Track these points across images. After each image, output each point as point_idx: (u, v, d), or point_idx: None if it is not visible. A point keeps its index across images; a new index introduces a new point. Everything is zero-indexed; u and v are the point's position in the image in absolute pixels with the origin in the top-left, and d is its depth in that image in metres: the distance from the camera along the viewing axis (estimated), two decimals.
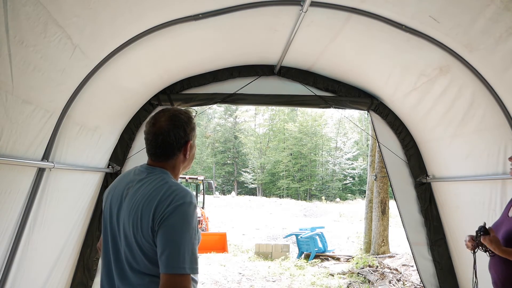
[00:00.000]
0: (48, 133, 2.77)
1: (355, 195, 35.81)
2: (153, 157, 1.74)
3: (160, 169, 1.71)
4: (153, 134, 1.71)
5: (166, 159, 1.73)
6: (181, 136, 1.72)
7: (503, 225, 2.47)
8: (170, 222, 1.51)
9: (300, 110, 38.92)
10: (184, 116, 1.75)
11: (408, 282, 7.59)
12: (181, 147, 1.73)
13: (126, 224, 1.63)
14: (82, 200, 3.79)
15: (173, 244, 1.48)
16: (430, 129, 4.25)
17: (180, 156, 1.75)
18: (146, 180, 1.67)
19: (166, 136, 1.69)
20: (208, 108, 5.64)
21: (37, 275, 3.21)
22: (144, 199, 1.60)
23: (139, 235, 1.57)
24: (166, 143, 1.70)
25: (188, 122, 1.75)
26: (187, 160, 1.80)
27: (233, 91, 4.65)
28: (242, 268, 9.03)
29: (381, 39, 3.53)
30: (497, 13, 2.52)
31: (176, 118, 1.72)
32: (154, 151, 1.73)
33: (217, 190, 36.56)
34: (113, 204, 1.74)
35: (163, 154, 1.72)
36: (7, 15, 1.85)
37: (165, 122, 1.71)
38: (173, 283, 1.44)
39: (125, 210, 1.65)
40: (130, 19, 2.86)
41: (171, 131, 1.70)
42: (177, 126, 1.71)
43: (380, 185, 10.34)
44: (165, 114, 1.74)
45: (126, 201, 1.67)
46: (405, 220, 4.63)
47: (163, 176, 1.68)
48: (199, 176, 15.00)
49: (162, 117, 1.73)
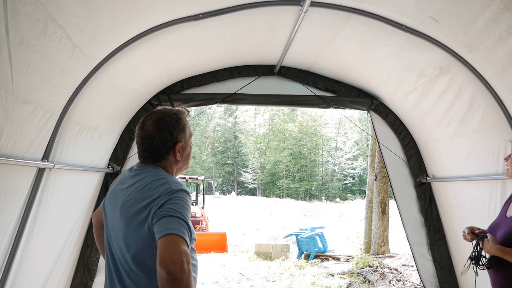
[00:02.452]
0: (48, 133, 2.77)
1: (355, 195, 35.80)
2: (142, 159, 1.75)
3: (152, 166, 1.72)
4: (140, 137, 1.73)
5: (155, 161, 1.73)
6: (167, 139, 1.71)
7: (501, 226, 2.40)
8: (166, 207, 1.51)
9: (300, 110, 38.94)
10: (171, 118, 1.74)
11: (408, 282, 7.59)
12: (169, 149, 1.72)
13: (119, 218, 1.64)
14: (82, 200, 3.79)
15: (170, 219, 1.47)
16: (430, 129, 4.25)
17: (170, 158, 1.74)
18: (140, 176, 1.69)
19: (151, 140, 1.69)
20: (208, 108, 5.64)
21: (37, 275, 3.21)
22: (139, 192, 1.61)
23: (134, 227, 1.58)
24: (152, 147, 1.70)
25: (176, 124, 1.73)
26: (181, 161, 1.79)
27: (233, 91, 4.65)
28: (242, 268, 9.03)
29: (381, 39, 3.53)
30: (497, 13, 2.52)
31: (161, 121, 1.71)
32: (142, 154, 1.74)
33: (217, 190, 36.57)
34: (108, 202, 1.76)
35: (150, 157, 1.72)
36: (7, 15, 1.85)
37: (151, 126, 1.71)
38: (170, 241, 1.41)
39: (119, 205, 1.66)
40: (130, 19, 2.86)
41: (156, 135, 1.69)
42: (162, 130, 1.70)
43: (380, 185, 10.33)
44: (152, 117, 1.74)
45: (120, 197, 1.68)
46: (405, 220, 4.63)
47: (155, 171, 1.69)
48: (199, 176, 15.01)
49: (148, 121, 1.73)
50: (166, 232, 1.42)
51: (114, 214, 1.69)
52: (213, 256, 10.14)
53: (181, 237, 1.42)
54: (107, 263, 1.72)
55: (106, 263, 1.74)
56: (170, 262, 1.33)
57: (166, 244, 1.39)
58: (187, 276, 1.34)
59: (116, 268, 1.66)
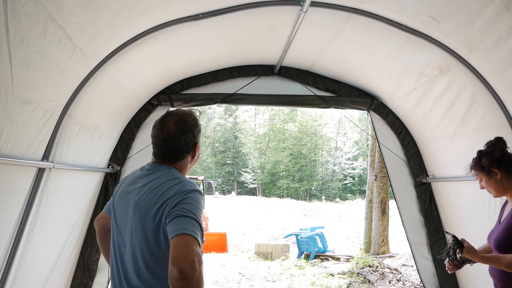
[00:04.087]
0: (48, 133, 2.77)
1: (355, 195, 35.78)
2: (161, 159, 1.76)
3: (166, 166, 1.73)
4: (162, 139, 1.73)
5: (174, 161, 1.75)
6: (190, 140, 1.75)
7: (494, 232, 2.39)
8: (180, 207, 1.53)
9: (300, 110, 38.91)
10: (191, 118, 1.78)
11: (408, 282, 7.59)
12: (190, 149, 1.77)
13: (132, 217, 1.64)
14: (82, 200, 3.79)
15: (184, 219, 1.49)
16: (430, 129, 4.25)
17: (188, 157, 1.79)
18: (153, 175, 1.69)
19: (177, 141, 1.72)
20: (208, 108, 5.65)
21: (37, 275, 3.21)
22: (153, 192, 1.62)
23: (148, 226, 1.58)
24: (177, 148, 1.73)
25: (195, 125, 1.78)
26: (194, 161, 1.84)
27: (233, 91, 4.64)
28: (242, 268, 9.04)
29: (381, 39, 3.53)
30: (497, 13, 2.52)
31: (184, 122, 1.74)
32: (163, 154, 1.74)
33: (217, 190, 36.55)
34: (118, 201, 1.76)
35: (172, 157, 1.75)
36: (7, 15, 1.85)
37: (174, 127, 1.72)
38: (183, 241, 1.42)
39: (132, 204, 1.66)
40: (130, 19, 2.86)
41: (181, 135, 1.72)
42: (186, 130, 1.74)
43: (380, 185, 10.34)
44: (172, 118, 1.75)
45: (132, 196, 1.68)
46: (405, 220, 4.63)
47: (169, 171, 1.70)
48: (199, 176, 15.01)
49: (170, 122, 1.74)
50: (179, 232, 1.44)
51: (125, 214, 1.69)
52: (213, 256, 10.14)
53: (194, 237, 1.44)
54: (115, 265, 1.71)
55: (112, 266, 1.73)
56: (182, 261, 1.34)
57: (179, 244, 1.41)
58: (198, 276, 1.36)
59: (124, 270, 1.66)
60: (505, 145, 2.32)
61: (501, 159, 2.27)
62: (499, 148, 2.31)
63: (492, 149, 2.31)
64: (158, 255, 1.58)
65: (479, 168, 2.36)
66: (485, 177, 2.35)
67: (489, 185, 2.36)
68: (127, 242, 1.66)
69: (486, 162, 2.31)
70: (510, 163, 2.28)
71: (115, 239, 1.73)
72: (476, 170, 2.38)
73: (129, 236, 1.65)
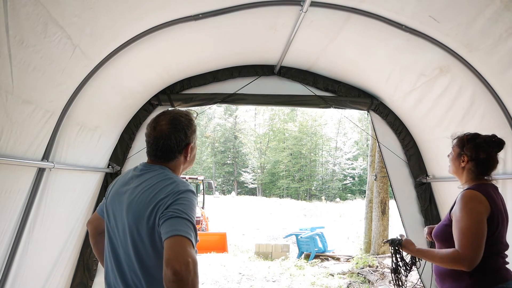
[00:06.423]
0: (48, 133, 2.77)
1: (355, 195, 35.79)
2: (153, 158, 1.76)
3: (159, 166, 1.73)
4: (154, 137, 1.73)
5: (166, 161, 1.75)
6: (182, 139, 1.73)
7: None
8: (173, 208, 1.52)
9: (300, 110, 38.93)
10: (185, 118, 1.77)
11: (408, 282, 7.59)
12: (182, 149, 1.75)
13: (126, 218, 1.64)
14: (82, 200, 3.79)
15: (177, 220, 1.48)
16: (430, 129, 4.25)
17: (180, 158, 1.77)
18: (146, 176, 1.69)
19: (167, 140, 1.71)
20: (208, 108, 5.64)
21: (37, 275, 3.21)
22: (146, 192, 1.62)
23: (142, 227, 1.58)
24: (167, 147, 1.71)
25: (189, 125, 1.77)
26: (188, 162, 1.82)
27: (233, 91, 4.65)
28: (242, 268, 9.03)
29: (381, 39, 3.53)
30: (497, 13, 2.52)
31: (177, 121, 1.73)
32: (154, 153, 1.74)
33: (217, 190, 36.56)
34: (111, 202, 1.75)
35: (163, 156, 1.74)
36: (7, 15, 1.85)
37: (166, 126, 1.72)
38: (177, 242, 1.41)
39: (125, 206, 1.66)
40: (130, 19, 2.86)
41: (172, 134, 1.71)
42: (178, 130, 1.73)
43: (380, 185, 10.34)
44: (166, 117, 1.75)
45: (125, 197, 1.68)
46: (405, 220, 4.63)
47: (162, 171, 1.70)
48: (199, 176, 15.01)
49: (163, 120, 1.74)
50: (173, 233, 1.43)
51: (119, 215, 1.68)
52: (213, 256, 10.13)
53: (188, 238, 1.43)
54: (109, 266, 1.71)
55: (107, 266, 1.72)
56: (176, 263, 1.33)
57: (173, 245, 1.40)
58: (193, 277, 1.34)
59: (120, 270, 1.66)
60: (499, 150, 2.32)
61: (480, 158, 2.27)
62: (489, 150, 2.29)
63: (486, 147, 2.30)
64: (154, 256, 1.58)
65: (460, 144, 2.37)
66: (456, 154, 2.38)
67: (453, 163, 2.42)
68: (122, 243, 1.65)
69: (468, 147, 2.30)
70: (483, 165, 2.28)
71: (109, 240, 1.72)
72: (457, 144, 2.39)
73: (123, 237, 1.64)
